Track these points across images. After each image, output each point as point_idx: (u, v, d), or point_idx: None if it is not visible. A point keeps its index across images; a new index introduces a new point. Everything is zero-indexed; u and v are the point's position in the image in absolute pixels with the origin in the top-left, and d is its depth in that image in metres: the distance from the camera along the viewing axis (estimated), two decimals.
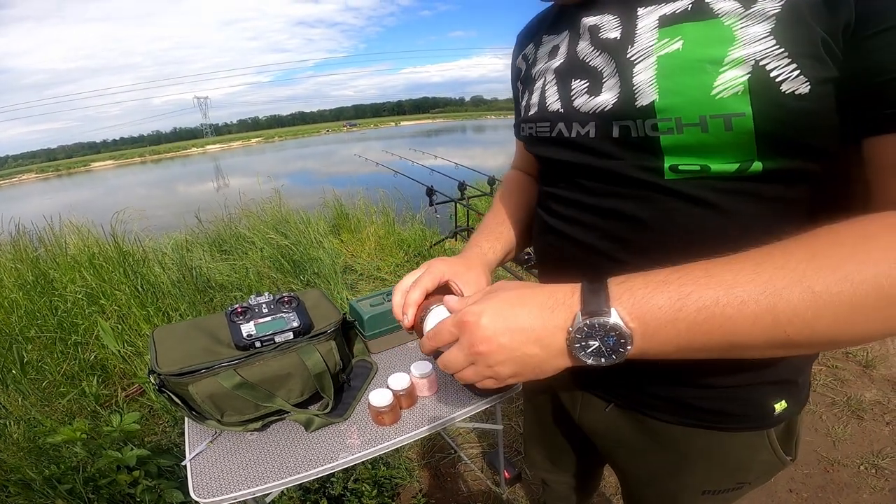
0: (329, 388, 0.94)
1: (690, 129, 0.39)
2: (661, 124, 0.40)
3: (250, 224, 3.79)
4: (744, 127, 0.37)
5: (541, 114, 0.53)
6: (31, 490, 1.45)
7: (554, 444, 0.92)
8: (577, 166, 0.51)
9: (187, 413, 0.91)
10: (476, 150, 16.01)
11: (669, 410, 0.57)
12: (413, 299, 0.54)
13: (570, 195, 0.54)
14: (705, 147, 0.39)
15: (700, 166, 0.41)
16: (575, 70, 0.49)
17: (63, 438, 1.28)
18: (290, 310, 0.97)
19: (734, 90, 0.36)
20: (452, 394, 1.00)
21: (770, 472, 0.62)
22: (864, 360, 2.03)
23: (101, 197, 13.17)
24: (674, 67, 0.39)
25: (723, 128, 0.37)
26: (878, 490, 1.46)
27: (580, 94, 0.47)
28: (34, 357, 2.29)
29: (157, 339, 0.96)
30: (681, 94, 0.39)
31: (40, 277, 2.79)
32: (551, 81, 0.52)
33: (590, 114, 0.46)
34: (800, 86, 0.34)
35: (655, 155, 0.43)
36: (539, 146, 0.56)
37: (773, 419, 0.55)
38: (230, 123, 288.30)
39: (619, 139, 0.45)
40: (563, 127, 0.50)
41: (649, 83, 0.40)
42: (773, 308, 0.32)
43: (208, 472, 0.84)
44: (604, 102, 0.45)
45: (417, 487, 1.58)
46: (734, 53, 0.36)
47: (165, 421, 1.91)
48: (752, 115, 0.36)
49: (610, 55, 0.45)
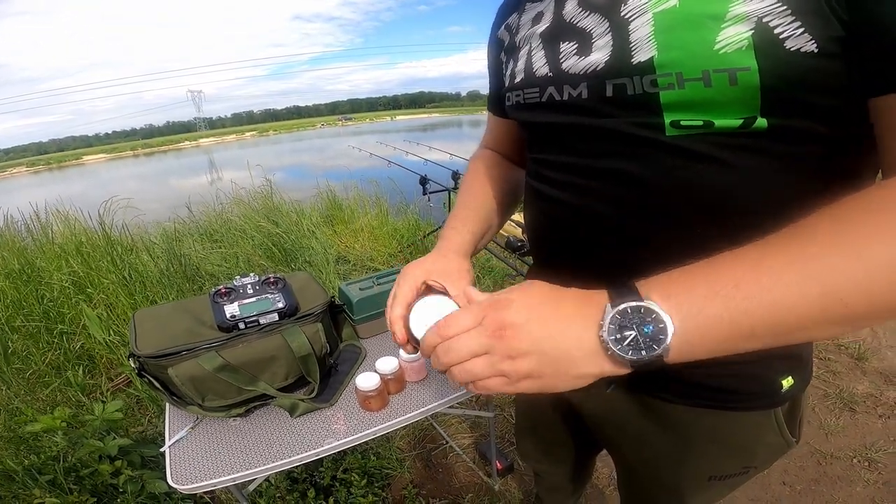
0: (315, 371, 0.91)
1: (693, 84, 0.38)
2: (661, 80, 0.39)
3: (241, 213, 3.75)
4: (749, 82, 0.36)
5: (528, 79, 0.52)
6: (12, 481, 1.41)
7: (546, 434, 0.90)
8: (570, 128, 0.49)
9: (168, 398, 0.88)
10: (472, 145, 15.98)
11: (676, 391, 0.55)
12: (397, 315, 0.53)
13: (562, 159, 0.52)
14: (708, 102, 0.38)
15: (703, 121, 0.39)
16: (562, 32, 0.48)
17: (43, 427, 1.25)
18: (276, 291, 0.94)
19: (738, 45, 0.35)
20: (442, 379, 0.97)
21: (775, 455, 0.61)
22: (856, 352, 2.03)
23: (92, 189, 13.02)
24: (672, 23, 0.38)
25: (727, 82, 0.37)
26: (871, 483, 1.46)
27: (569, 56, 0.47)
28: (19, 347, 2.25)
29: (137, 322, 0.93)
30: (682, 48, 0.38)
31: (26, 266, 2.73)
32: (537, 46, 0.51)
33: (580, 74, 0.46)
34: (805, 43, 0.34)
35: (654, 112, 0.41)
36: (527, 113, 0.55)
37: (781, 397, 0.54)
38: (224, 117, 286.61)
39: (612, 98, 0.43)
40: (554, 90, 0.49)
41: (646, 39, 0.39)
42: (817, 277, 0.30)
43: (188, 458, 0.81)
44: (595, 62, 0.44)
45: (408, 478, 1.55)
46: (735, 10, 0.35)
47: (152, 411, 1.88)
48: (759, 69, 0.35)
49: (601, 15, 0.44)
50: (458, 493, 1.50)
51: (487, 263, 3.04)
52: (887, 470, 1.49)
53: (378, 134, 22.02)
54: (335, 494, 1.37)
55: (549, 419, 0.85)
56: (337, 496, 1.36)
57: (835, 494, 1.44)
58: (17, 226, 3.60)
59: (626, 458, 0.72)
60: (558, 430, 0.85)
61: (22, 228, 3.56)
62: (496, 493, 1.47)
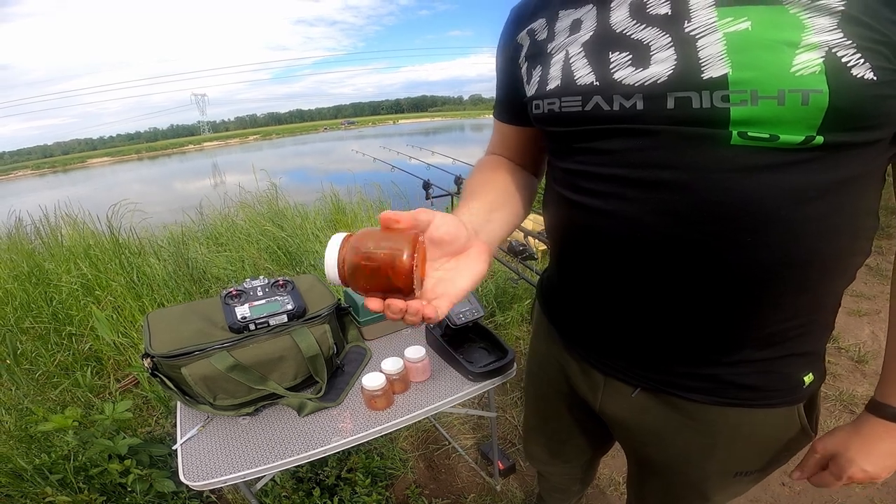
0: (322, 371, 0.94)
1: (766, 102, 0.40)
2: (734, 96, 0.41)
3: (247, 216, 3.78)
4: (819, 103, 0.39)
5: (566, 88, 0.52)
6: (23, 480, 1.44)
7: (555, 435, 0.91)
8: (620, 139, 0.48)
9: (180, 397, 0.91)
10: (474, 149, 16.02)
11: (704, 390, 0.57)
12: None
13: (607, 170, 0.51)
14: (778, 120, 0.41)
15: (769, 134, 0.42)
16: (611, 43, 0.48)
17: (54, 426, 1.27)
18: (285, 293, 0.97)
19: (812, 69, 0.39)
20: (445, 380, 1.00)
21: (796, 449, 0.63)
22: (856, 355, 2.04)
23: (97, 192, 13.11)
24: (746, 44, 0.41)
25: (800, 102, 0.39)
26: (870, 485, 1.47)
27: (622, 67, 0.47)
28: (28, 348, 2.28)
29: (151, 323, 0.95)
30: (759, 68, 0.40)
31: (35, 269, 2.77)
32: (577, 55, 0.51)
33: (635, 86, 0.46)
34: (866, 72, 0.38)
35: (720, 125, 0.43)
36: (562, 123, 0.54)
37: (803, 392, 0.57)
38: (227, 121, 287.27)
39: (673, 110, 0.44)
40: (601, 100, 0.48)
41: (718, 56, 0.41)
42: None
43: (199, 456, 0.84)
44: (656, 74, 0.44)
45: (411, 478, 1.57)
46: (808, 39, 0.39)
47: (159, 412, 1.90)
48: (829, 92, 0.39)
49: (660, 28, 0.44)
50: (461, 493, 1.51)
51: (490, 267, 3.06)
52: None
53: (381, 138, 22.08)
54: (340, 494, 1.39)
55: (558, 421, 0.86)
56: (341, 495, 1.38)
57: (833, 495, 1.45)
58: (25, 228, 3.65)
59: (650, 457, 0.72)
60: (572, 430, 0.86)
61: (30, 231, 3.60)
62: (498, 494, 1.49)
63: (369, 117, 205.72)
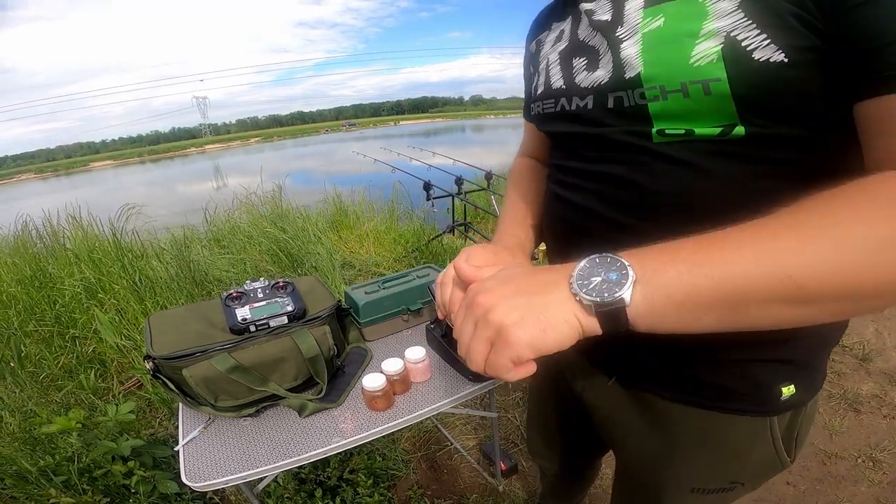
0: (323, 372, 0.94)
1: (674, 96, 0.42)
2: (648, 93, 0.44)
3: (249, 219, 3.80)
4: (721, 91, 0.39)
5: (546, 92, 0.57)
6: (27, 482, 1.44)
7: (550, 424, 0.93)
8: (578, 136, 0.54)
9: (182, 399, 0.91)
10: (475, 150, 16.03)
11: (670, 386, 0.56)
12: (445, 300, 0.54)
13: (572, 164, 0.57)
14: (689, 112, 0.42)
15: (685, 130, 0.43)
16: (576, 50, 0.53)
17: (58, 428, 1.28)
18: (285, 294, 0.97)
19: (709, 58, 0.39)
20: (446, 380, 1.00)
21: (766, 473, 0.60)
22: (860, 353, 2.03)
23: (100, 196, 13.17)
24: (656, 41, 0.43)
25: (702, 92, 0.40)
26: (875, 483, 1.46)
27: (580, 71, 0.51)
28: (32, 351, 2.29)
29: (152, 325, 0.96)
30: (662, 64, 0.42)
31: (38, 272, 2.79)
32: (555, 62, 0.56)
33: (588, 88, 0.50)
34: (772, 54, 0.37)
35: (645, 121, 0.45)
36: (546, 122, 0.60)
37: (779, 405, 0.53)
38: (229, 123, 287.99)
39: (613, 109, 0.48)
40: (566, 101, 0.54)
41: (635, 57, 0.44)
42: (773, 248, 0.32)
43: (201, 457, 0.84)
44: (601, 77, 0.48)
45: (413, 479, 1.58)
46: (708, 26, 0.39)
47: (163, 414, 1.91)
48: (728, 79, 0.38)
49: (603, 35, 0.49)
50: (463, 493, 1.52)
51: None
52: (892, 470, 1.50)
53: (382, 139, 22.15)
54: (342, 494, 1.39)
55: (553, 410, 0.88)
56: (343, 496, 1.39)
57: (839, 494, 1.44)
58: (29, 232, 3.66)
59: (623, 455, 0.73)
60: (565, 419, 0.88)
61: (34, 235, 3.62)
62: (500, 494, 1.49)
63: (370, 119, 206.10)
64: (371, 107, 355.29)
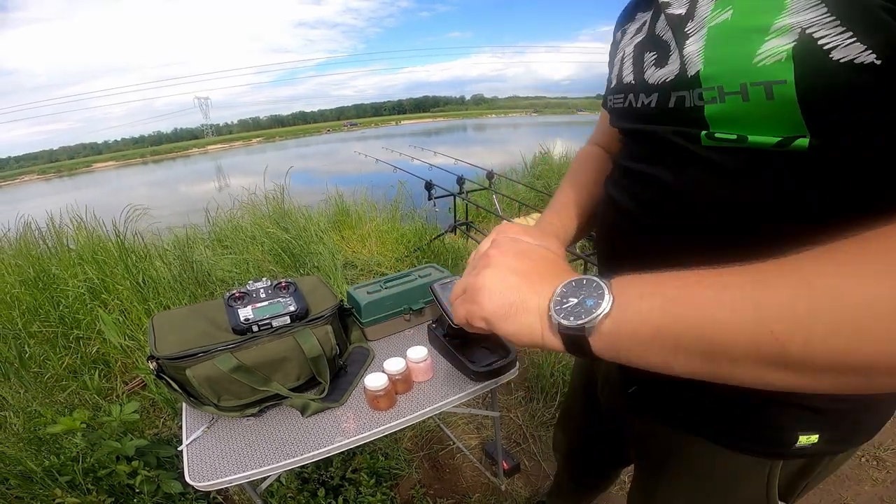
0: (325, 372, 0.94)
1: (732, 98, 0.37)
2: (706, 93, 0.39)
3: (251, 219, 3.80)
4: (785, 95, 0.33)
5: (618, 86, 0.54)
6: (32, 482, 1.45)
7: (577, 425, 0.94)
8: (637, 134, 0.52)
9: (185, 399, 0.91)
10: (477, 150, 16.02)
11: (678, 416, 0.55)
12: None
13: (627, 164, 0.54)
14: (746, 117, 0.37)
15: (736, 136, 0.38)
16: (650, 44, 0.49)
17: (63, 428, 1.28)
18: (288, 295, 0.97)
19: (776, 57, 0.33)
20: (448, 379, 1.00)
21: None
22: None
23: (103, 196, 13.22)
24: (720, 37, 0.38)
25: (764, 96, 0.35)
26: (879, 482, 1.46)
27: (649, 66, 0.48)
28: (36, 351, 2.30)
29: (155, 325, 0.96)
30: (723, 62, 0.37)
31: (42, 273, 2.80)
32: (629, 56, 0.53)
33: (654, 85, 0.46)
34: (858, 54, 0.30)
35: (699, 124, 0.41)
36: (615, 118, 0.57)
37: (789, 450, 0.49)
38: (231, 123, 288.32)
39: (673, 108, 0.44)
40: (633, 98, 0.51)
41: (697, 54, 0.40)
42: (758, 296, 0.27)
43: (204, 457, 0.84)
44: (667, 74, 0.45)
45: (416, 478, 1.58)
46: (781, 21, 0.33)
47: (167, 414, 1.92)
48: (795, 81, 0.33)
49: (673, 30, 0.44)
50: (465, 492, 1.52)
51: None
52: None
53: (383, 139, 22.17)
54: (344, 494, 1.39)
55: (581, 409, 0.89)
56: (346, 496, 1.39)
57: (843, 493, 1.44)
58: (32, 234, 3.67)
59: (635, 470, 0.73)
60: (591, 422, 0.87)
61: (37, 236, 3.63)
62: (502, 493, 1.49)
63: (372, 118, 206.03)
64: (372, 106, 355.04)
